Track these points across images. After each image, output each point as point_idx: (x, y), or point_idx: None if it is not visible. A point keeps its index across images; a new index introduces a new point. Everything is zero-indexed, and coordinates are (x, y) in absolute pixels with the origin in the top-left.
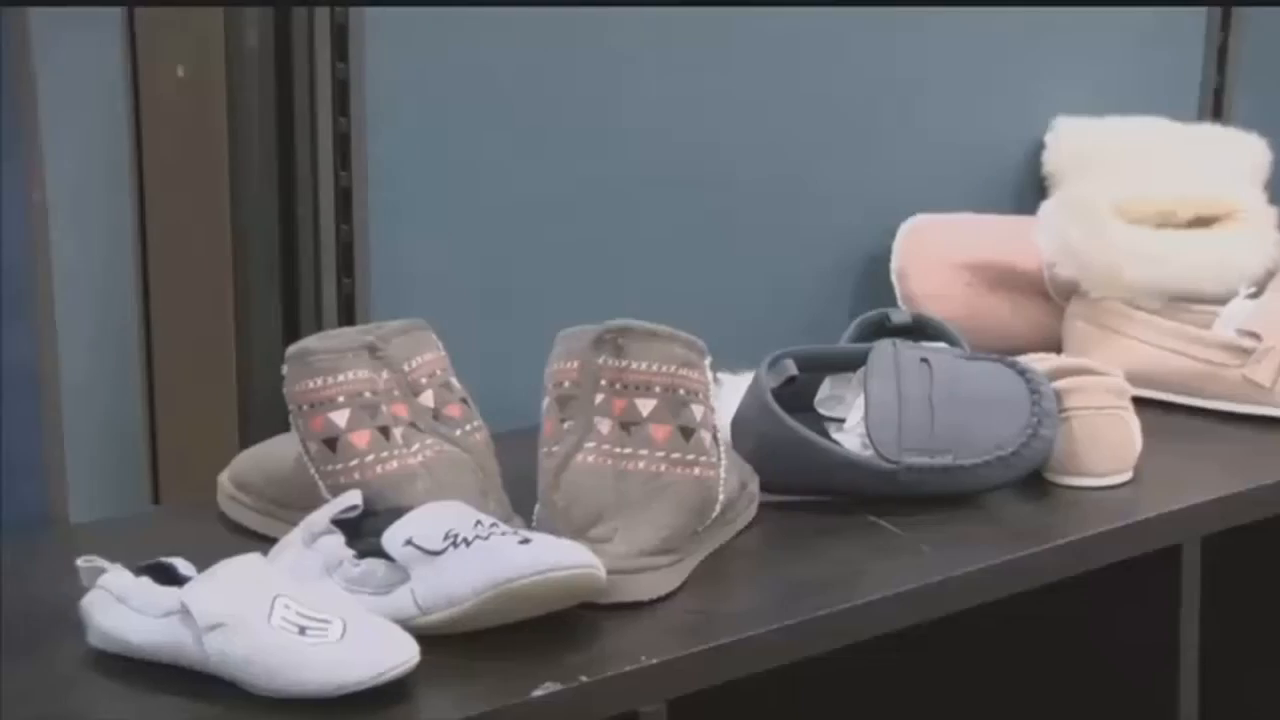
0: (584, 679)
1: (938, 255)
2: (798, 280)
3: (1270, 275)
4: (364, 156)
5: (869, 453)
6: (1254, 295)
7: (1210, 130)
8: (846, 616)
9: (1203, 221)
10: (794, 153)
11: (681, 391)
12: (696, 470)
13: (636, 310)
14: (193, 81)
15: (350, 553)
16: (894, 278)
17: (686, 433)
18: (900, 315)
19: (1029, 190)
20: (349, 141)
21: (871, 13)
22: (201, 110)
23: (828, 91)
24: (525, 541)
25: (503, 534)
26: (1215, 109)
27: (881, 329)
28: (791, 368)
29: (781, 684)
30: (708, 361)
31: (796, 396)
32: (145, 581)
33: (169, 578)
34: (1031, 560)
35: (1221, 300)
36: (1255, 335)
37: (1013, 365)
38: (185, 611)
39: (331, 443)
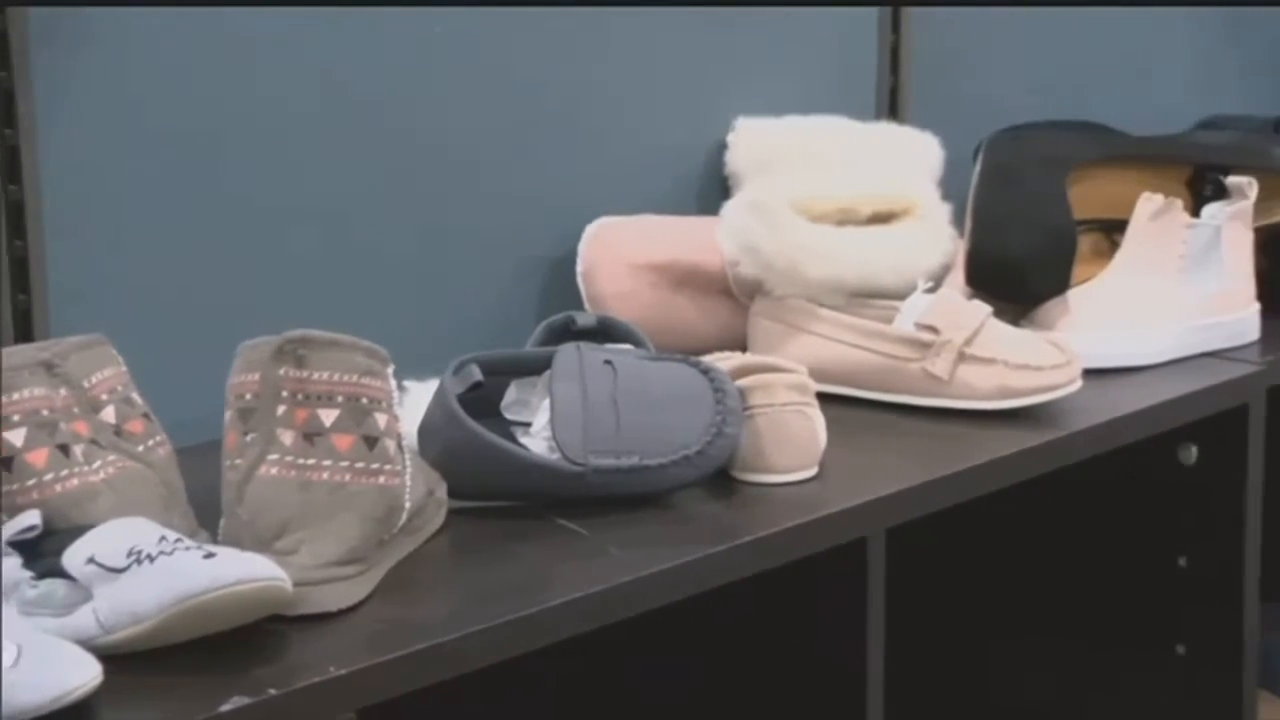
0: (272, 691)
1: (622, 257)
2: (483, 285)
3: (946, 270)
4: (35, 169)
5: (556, 456)
6: (931, 290)
7: (887, 129)
8: (535, 620)
9: (881, 218)
10: (475, 157)
11: (364, 400)
12: (381, 479)
13: (320, 320)
14: None
15: (28, 574)
16: (580, 280)
17: (370, 441)
18: (586, 318)
19: (712, 191)
20: (17, 154)
21: (552, 13)
22: None
23: (510, 94)
24: (210, 556)
25: (186, 549)
26: (891, 108)
27: (567, 332)
28: (476, 373)
29: (476, 689)
30: (390, 369)
31: (482, 402)
32: None
33: None
34: (719, 558)
35: (901, 295)
36: (933, 329)
37: (696, 365)
38: None
39: (7, 462)
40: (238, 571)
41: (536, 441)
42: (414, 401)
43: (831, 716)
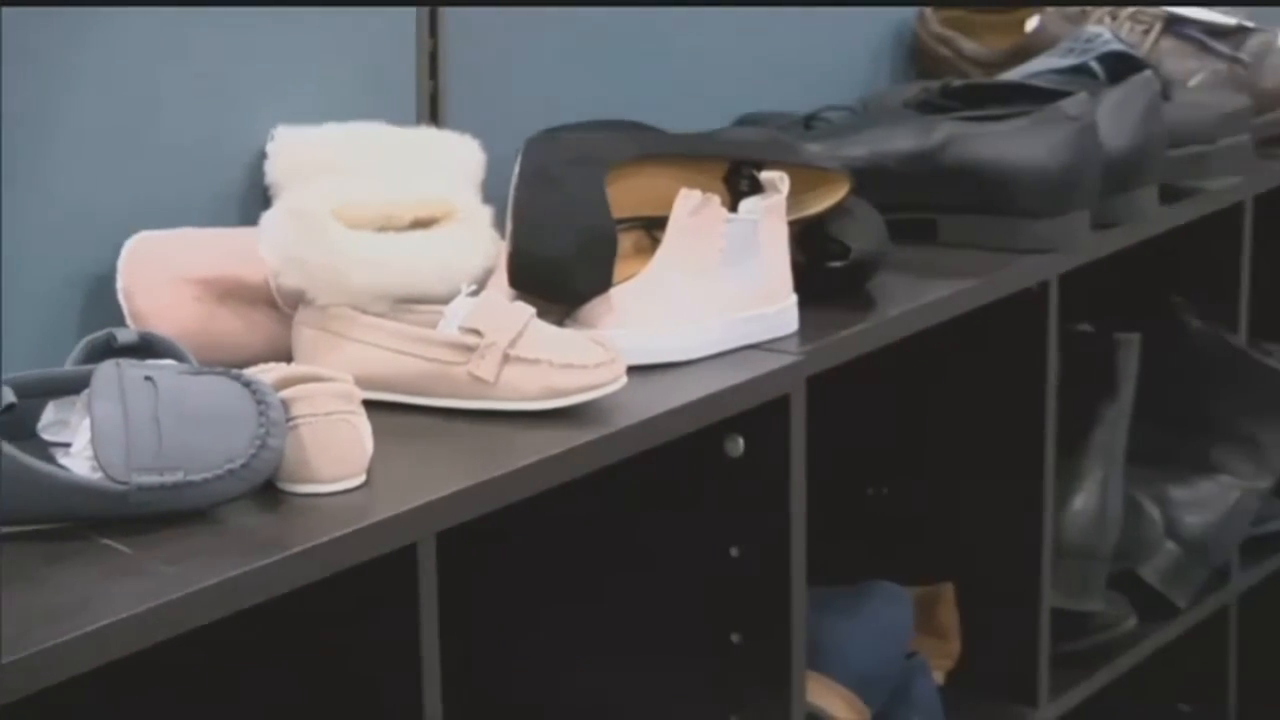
0: None
1: (164, 272)
2: (19, 305)
3: (489, 273)
4: None
5: (98, 476)
6: (475, 293)
7: (427, 133)
8: (80, 644)
9: (423, 224)
10: (5, 169)
11: None
12: None
13: None
14: None
15: None
16: (120, 297)
17: None
18: (127, 334)
19: (254, 201)
20: None
21: (81, 14)
22: None
23: (40, 104)
24: None
25: None
26: (432, 113)
27: (108, 349)
28: (9, 395)
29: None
30: None
31: (20, 424)
32: None
33: None
34: (269, 570)
35: (445, 300)
36: (477, 332)
37: (238, 378)
38: None
39: None
40: None
41: (78, 462)
42: None
43: None
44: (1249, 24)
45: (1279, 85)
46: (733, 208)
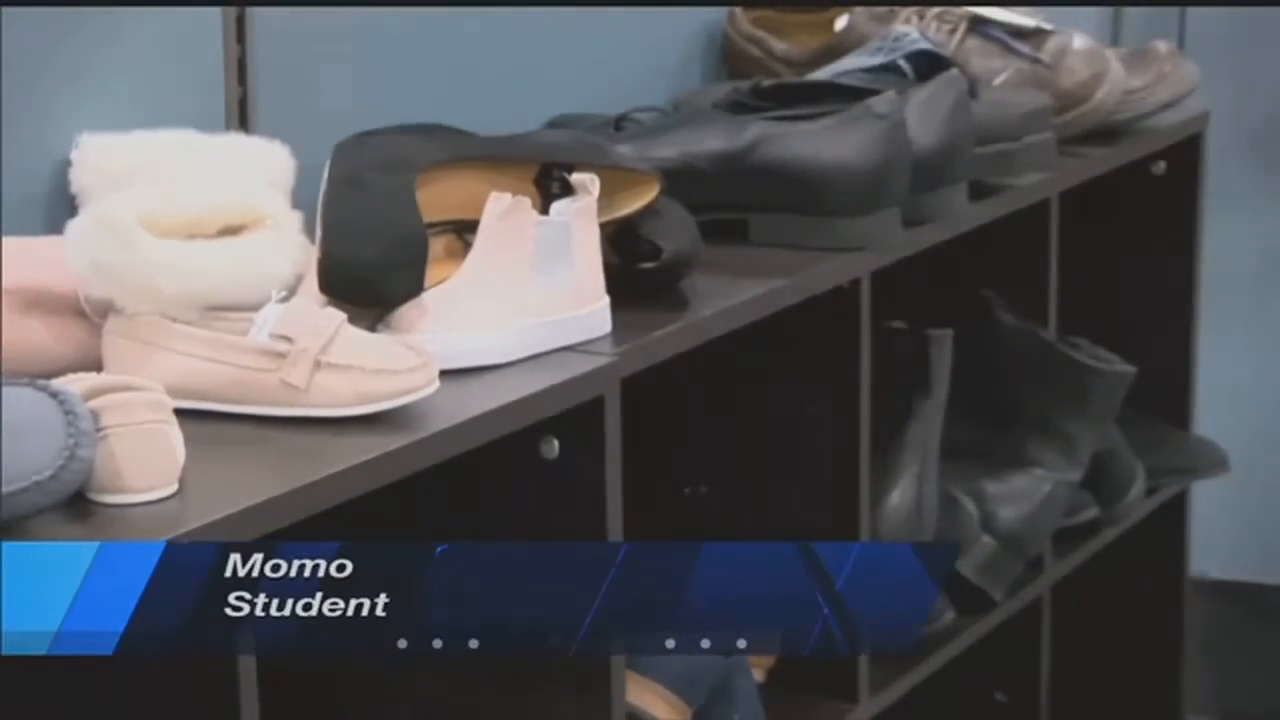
0: None
1: None
2: None
3: (300, 279)
4: None
5: None
6: (285, 300)
7: (236, 140)
8: None
9: (232, 230)
10: None
11: None
12: None
13: None
14: None
15: None
16: None
17: None
18: None
19: (60, 210)
20: None
21: None
22: None
23: None
24: None
25: None
26: (241, 119)
27: None
28: None
29: None
30: None
31: None
32: None
33: None
34: None
35: (255, 306)
36: (288, 339)
37: (45, 388)
38: None
39: None
40: None
41: None
42: None
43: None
44: (1047, 26)
45: (1076, 85)
46: (544, 210)
